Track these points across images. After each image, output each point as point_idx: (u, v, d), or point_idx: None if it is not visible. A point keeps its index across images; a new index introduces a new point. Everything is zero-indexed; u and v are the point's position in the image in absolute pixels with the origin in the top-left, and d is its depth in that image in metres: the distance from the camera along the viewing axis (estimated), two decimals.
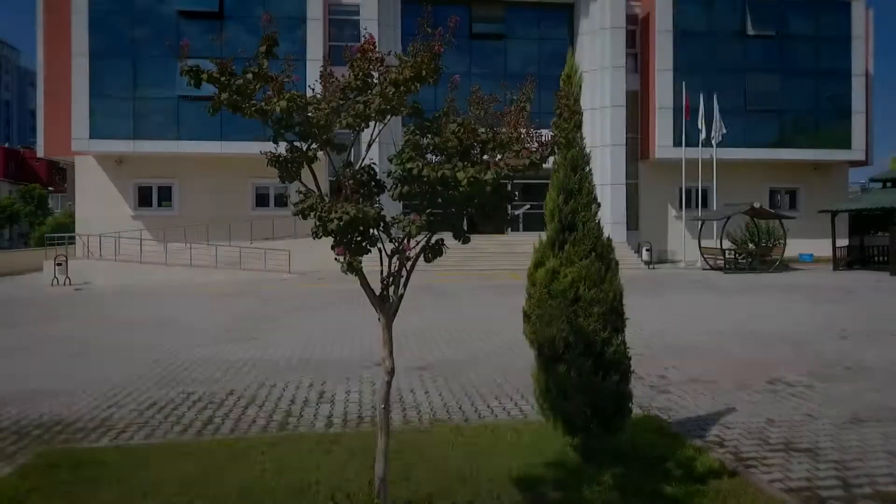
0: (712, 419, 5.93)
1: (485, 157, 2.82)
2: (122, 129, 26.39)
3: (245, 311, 14.17)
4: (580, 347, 4.21)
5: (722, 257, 25.07)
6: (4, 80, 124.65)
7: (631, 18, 30.15)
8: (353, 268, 2.69)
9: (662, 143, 29.13)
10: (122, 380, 7.82)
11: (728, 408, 6.30)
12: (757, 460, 4.84)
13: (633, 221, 30.31)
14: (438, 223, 2.82)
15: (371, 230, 2.76)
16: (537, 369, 4.56)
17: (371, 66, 2.80)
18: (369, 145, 2.98)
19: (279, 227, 27.14)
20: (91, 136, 26.14)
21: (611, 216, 28.31)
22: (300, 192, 2.73)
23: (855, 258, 25.55)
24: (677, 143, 28.75)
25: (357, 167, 2.90)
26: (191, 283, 22.61)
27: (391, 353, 2.96)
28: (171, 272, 23.89)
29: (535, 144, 2.92)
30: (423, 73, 2.75)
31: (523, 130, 2.91)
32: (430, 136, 2.78)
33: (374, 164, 2.99)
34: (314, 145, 2.82)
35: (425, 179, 2.64)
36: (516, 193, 3.82)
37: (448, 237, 3.14)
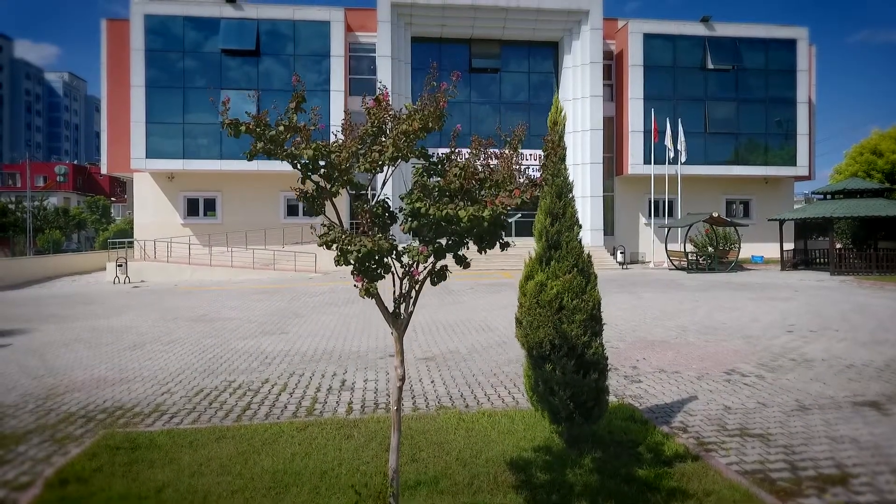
0: (677, 406, 5.90)
1: (482, 193, 2.80)
2: (174, 150, 26.48)
3: (277, 308, 14.17)
4: (564, 349, 4.19)
5: (685, 259, 24.98)
6: (74, 106, 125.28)
7: (607, 54, 30.09)
8: (370, 293, 2.68)
9: (634, 161, 29.05)
10: (174, 369, 7.83)
11: (691, 396, 6.27)
12: (716, 445, 4.80)
13: (609, 228, 30.27)
14: (442, 251, 2.80)
15: (385, 259, 2.75)
16: (528, 367, 4.54)
17: (385, 116, 2.78)
18: (383, 184, 2.97)
19: (307, 233, 27.19)
20: (147, 156, 26.23)
21: (590, 224, 28.31)
22: (324, 226, 2.72)
23: (800, 260, 25.43)
24: (647, 161, 28.69)
25: (373, 203, 2.89)
26: (231, 281, 22.64)
27: (402, 361, 2.95)
28: (215, 272, 23.94)
29: (525, 180, 2.90)
30: (430, 124, 2.74)
31: (515, 169, 2.89)
32: (435, 177, 2.77)
33: (388, 198, 2.98)
34: (336, 185, 2.81)
35: (432, 217, 2.63)
36: (508, 220, 3.73)
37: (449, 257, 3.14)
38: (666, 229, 26.81)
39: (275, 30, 27.05)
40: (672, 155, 27.90)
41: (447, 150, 2.98)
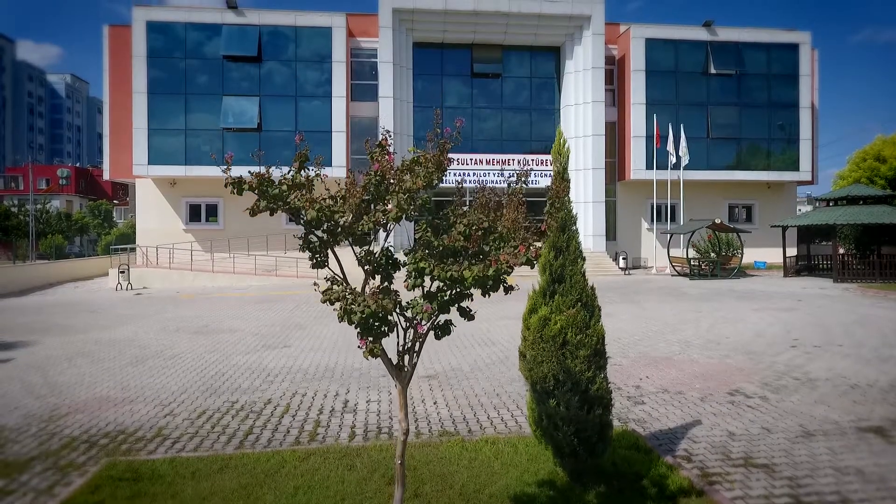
0: (681, 432, 5.87)
1: (486, 246, 2.78)
2: (176, 156, 26.52)
3: (279, 318, 14.17)
4: (568, 385, 4.17)
5: (688, 265, 24.94)
6: (76, 108, 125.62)
7: (609, 59, 30.08)
8: (375, 354, 2.68)
9: (637, 166, 29.04)
10: (176, 388, 7.82)
11: (694, 420, 6.24)
12: (721, 476, 4.78)
13: (611, 233, 30.25)
14: (447, 306, 2.79)
15: (389, 317, 2.74)
16: (531, 401, 4.52)
17: (388, 168, 2.76)
18: (387, 236, 2.96)
19: None
20: (149, 163, 26.27)
21: (592, 229, 28.32)
22: (328, 280, 2.72)
23: (802, 266, 25.37)
24: (649, 166, 28.68)
25: (377, 254, 2.88)
26: (233, 288, 22.65)
27: (407, 415, 2.94)
28: (217, 278, 23.96)
29: (530, 233, 2.88)
30: (434, 181, 2.73)
31: (520, 220, 2.87)
32: (441, 232, 2.75)
33: (391, 246, 2.96)
34: (340, 237, 2.80)
35: (436, 277, 2.62)
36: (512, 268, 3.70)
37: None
38: (668, 234, 26.79)
39: (276, 35, 27.08)
40: (674, 160, 27.87)
41: (452, 206, 2.96)
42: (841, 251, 24.36)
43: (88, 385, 8.06)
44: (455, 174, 25.95)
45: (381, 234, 2.96)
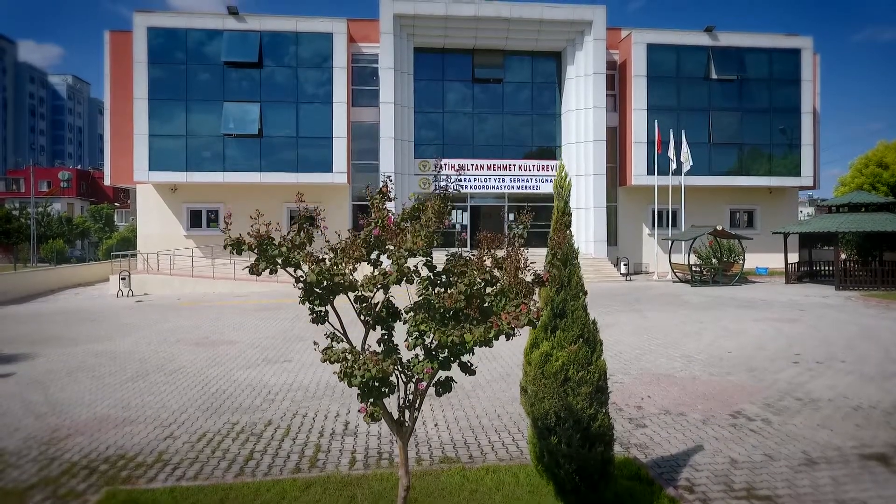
0: (683, 459, 5.84)
1: (486, 298, 2.77)
2: (177, 162, 26.49)
3: (279, 329, 14.13)
4: (570, 422, 4.15)
5: (689, 272, 24.90)
6: (77, 109, 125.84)
7: (610, 64, 30.04)
8: (375, 418, 2.66)
9: (638, 171, 28.99)
10: (177, 407, 7.79)
11: (697, 445, 6.21)
12: None
13: (612, 238, 30.21)
14: (448, 363, 2.77)
15: (389, 378, 2.72)
16: (532, 436, 4.50)
17: (388, 230, 2.75)
18: (387, 290, 2.94)
19: None
20: (150, 169, 26.26)
21: (594, 235, 28.29)
22: (328, 337, 2.70)
23: (804, 272, 25.31)
24: (651, 172, 28.64)
25: (377, 307, 2.86)
26: (234, 294, 22.63)
27: (407, 471, 2.92)
28: (217, 284, 23.94)
29: (531, 279, 2.86)
30: (433, 240, 2.71)
31: (521, 269, 2.85)
32: (441, 288, 2.74)
33: (392, 296, 2.95)
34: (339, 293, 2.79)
35: (437, 340, 2.60)
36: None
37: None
38: (670, 241, 26.75)
39: (278, 41, 27.06)
40: (675, 165, 27.83)
41: (453, 262, 2.94)
42: (843, 257, 24.28)
43: (89, 403, 8.05)
44: (456, 179, 25.95)
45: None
